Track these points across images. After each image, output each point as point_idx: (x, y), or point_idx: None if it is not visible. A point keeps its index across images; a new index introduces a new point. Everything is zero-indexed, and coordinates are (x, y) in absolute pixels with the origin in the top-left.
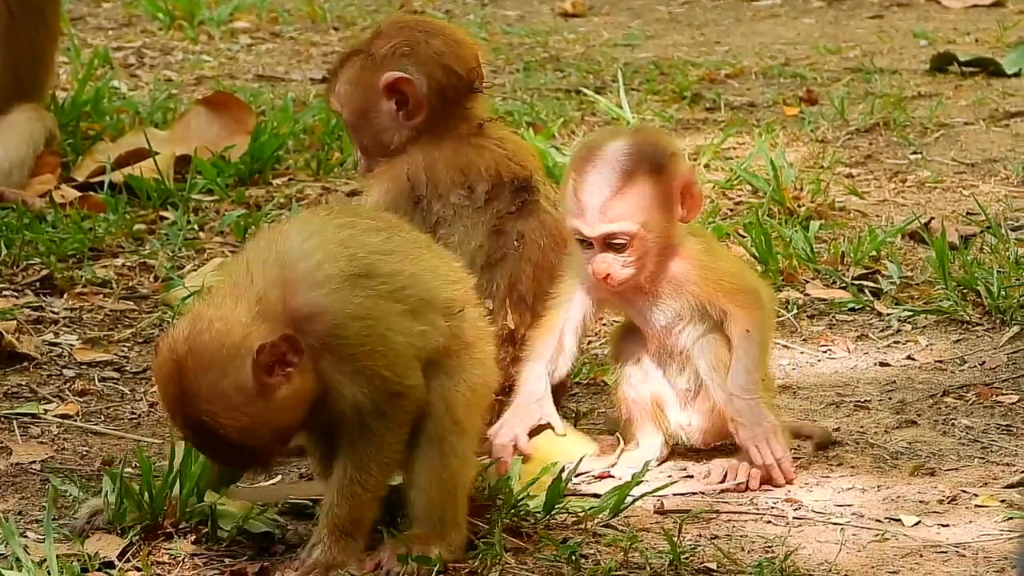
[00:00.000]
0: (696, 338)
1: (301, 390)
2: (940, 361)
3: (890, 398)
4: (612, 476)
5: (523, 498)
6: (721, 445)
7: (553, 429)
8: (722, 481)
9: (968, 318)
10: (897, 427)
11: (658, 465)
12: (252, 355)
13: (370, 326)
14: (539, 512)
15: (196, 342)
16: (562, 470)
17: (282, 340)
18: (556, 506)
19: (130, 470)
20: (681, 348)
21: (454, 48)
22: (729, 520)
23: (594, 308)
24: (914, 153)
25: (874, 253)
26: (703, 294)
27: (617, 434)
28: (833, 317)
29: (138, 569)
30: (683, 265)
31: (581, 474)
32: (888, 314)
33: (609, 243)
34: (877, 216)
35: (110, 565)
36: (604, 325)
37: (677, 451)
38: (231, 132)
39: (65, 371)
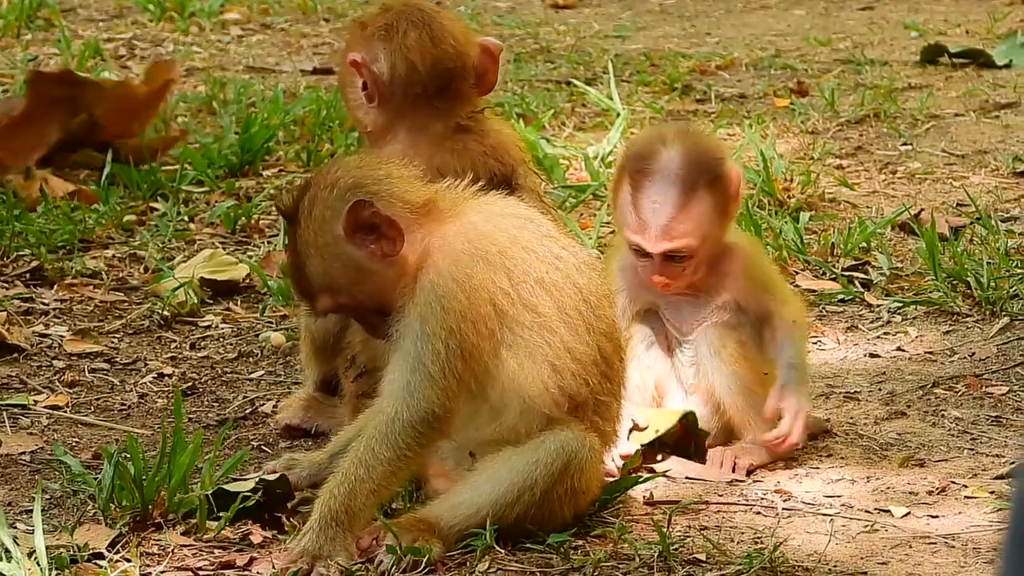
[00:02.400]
0: (708, 327)
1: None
2: (930, 352)
3: (880, 389)
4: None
5: None
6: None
7: (636, 424)
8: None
9: (958, 309)
10: (887, 418)
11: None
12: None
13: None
14: None
15: None
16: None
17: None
18: None
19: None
20: (696, 338)
21: (427, 46)
22: (719, 511)
23: (630, 304)
24: (904, 144)
25: (864, 244)
26: (749, 290)
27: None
28: (823, 308)
29: (127, 560)
30: (732, 263)
31: None
32: (878, 305)
33: (669, 256)
34: (867, 207)
35: (99, 556)
36: None
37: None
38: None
39: (55, 362)
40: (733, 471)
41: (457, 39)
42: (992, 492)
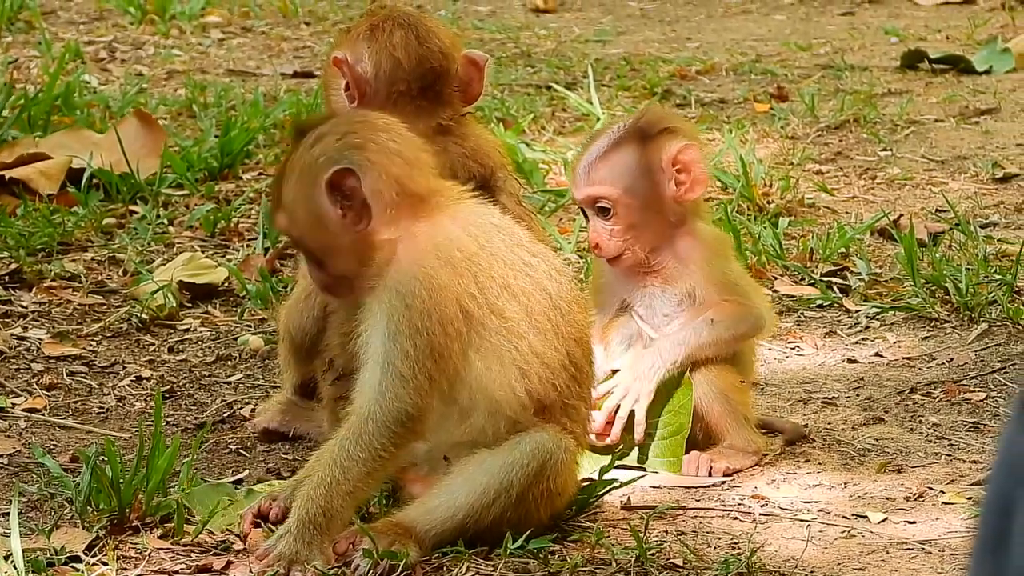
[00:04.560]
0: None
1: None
2: (908, 358)
3: (858, 395)
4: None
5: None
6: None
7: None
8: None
9: (936, 315)
10: (865, 424)
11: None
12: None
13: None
14: None
15: None
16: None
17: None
18: None
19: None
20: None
21: (413, 44)
22: (696, 516)
23: (608, 301)
24: (884, 150)
25: (843, 250)
26: (698, 277)
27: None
28: (801, 314)
29: (104, 563)
30: (690, 243)
31: None
32: (856, 311)
33: (597, 209)
34: (846, 213)
35: (76, 559)
36: None
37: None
38: (148, 152)
39: (33, 365)
40: (709, 475)
41: (443, 40)
42: (969, 498)
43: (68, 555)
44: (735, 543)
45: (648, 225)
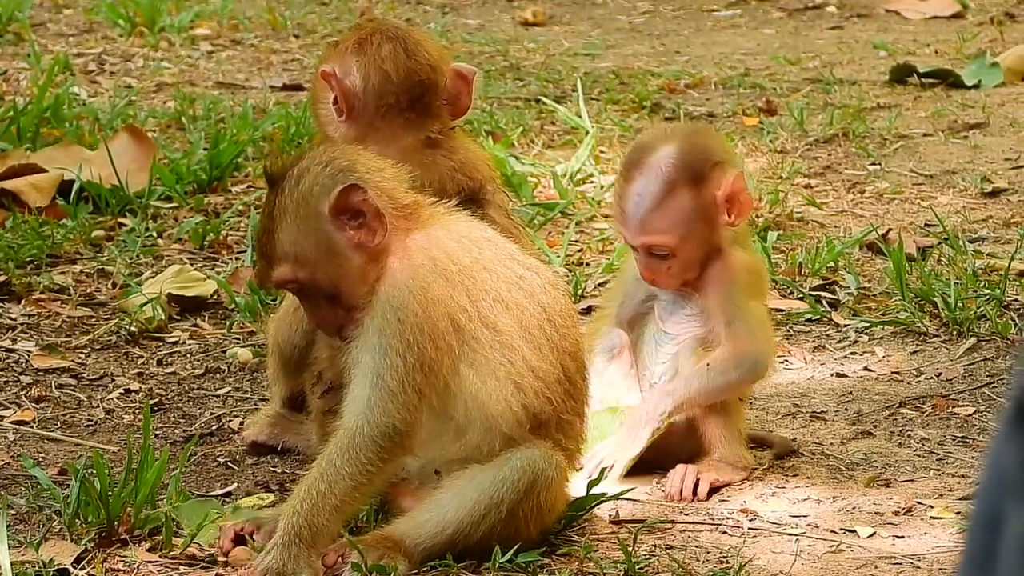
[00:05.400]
0: (688, 343)
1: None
2: (897, 372)
3: (847, 409)
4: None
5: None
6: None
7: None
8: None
9: (925, 329)
10: (853, 438)
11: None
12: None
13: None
14: None
15: None
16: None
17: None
18: None
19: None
20: (676, 354)
21: (401, 57)
22: (684, 530)
23: (635, 292)
24: (873, 164)
25: (832, 264)
26: (717, 303)
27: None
28: (790, 328)
29: (92, 575)
30: (721, 268)
31: None
32: (845, 325)
33: (651, 252)
34: (835, 227)
35: (65, 572)
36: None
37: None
38: (139, 167)
39: (22, 377)
40: (694, 491)
41: (431, 53)
42: (958, 513)
43: (56, 567)
44: (724, 557)
45: (701, 255)
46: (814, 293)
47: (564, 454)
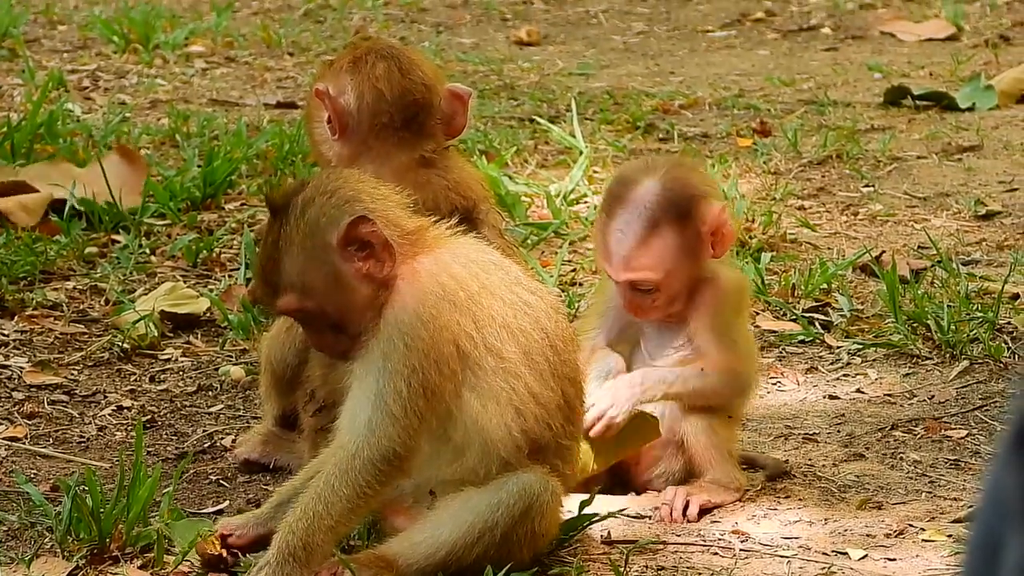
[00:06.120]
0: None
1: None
2: (889, 395)
3: (839, 431)
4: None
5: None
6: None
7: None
8: (669, 513)
9: (918, 352)
10: (845, 460)
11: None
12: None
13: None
14: None
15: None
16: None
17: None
18: None
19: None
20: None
21: (396, 76)
22: (676, 551)
23: (616, 322)
24: (866, 186)
25: (825, 286)
26: (703, 323)
27: None
28: (783, 349)
29: None
30: (708, 290)
31: None
32: (838, 347)
33: (635, 288)
34: (828, 249)
35: None
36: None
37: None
38: (129, 189)
39: (14, 394)
40: (685, 512)
41: (426, 73)
42: (950, 536)
43: None
44: None
45: (685, 288)
46: (807, 315)
47: (560, 479)
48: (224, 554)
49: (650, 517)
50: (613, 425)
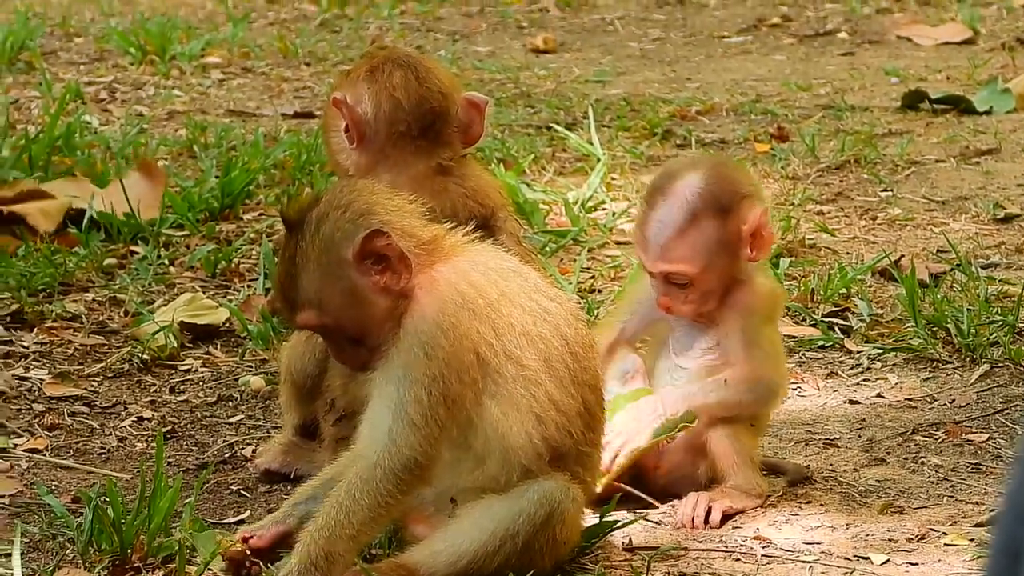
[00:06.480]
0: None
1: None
2: (910, 399)
3: (860, 436)
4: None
5: None
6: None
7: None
8: (691, 520)
9: (938, 356)
10: (866, 465)
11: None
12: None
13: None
14: None
15: None
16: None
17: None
18: None
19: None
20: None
21: (413, 84)
22: (697, 557)
23: (647, 318)
24: (885, 190)
25: (844, 290)
26: (733, 327)
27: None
28: (803, 354)
29: None
30: (741, 295)
31: None
32: (858, 352)
33: (669, 280)
34: (847, 253)
35: None
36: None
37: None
38: (147, 205)
39: (35, 405)
40: (707, 519)
41: (442, 81)
42: (972, 540)
43: None
44: None
45: (720, 287)
46: (827, 320)
47: (581, 486)
48: (247, 552)
49: (671, 523)
50: (632, 441)
